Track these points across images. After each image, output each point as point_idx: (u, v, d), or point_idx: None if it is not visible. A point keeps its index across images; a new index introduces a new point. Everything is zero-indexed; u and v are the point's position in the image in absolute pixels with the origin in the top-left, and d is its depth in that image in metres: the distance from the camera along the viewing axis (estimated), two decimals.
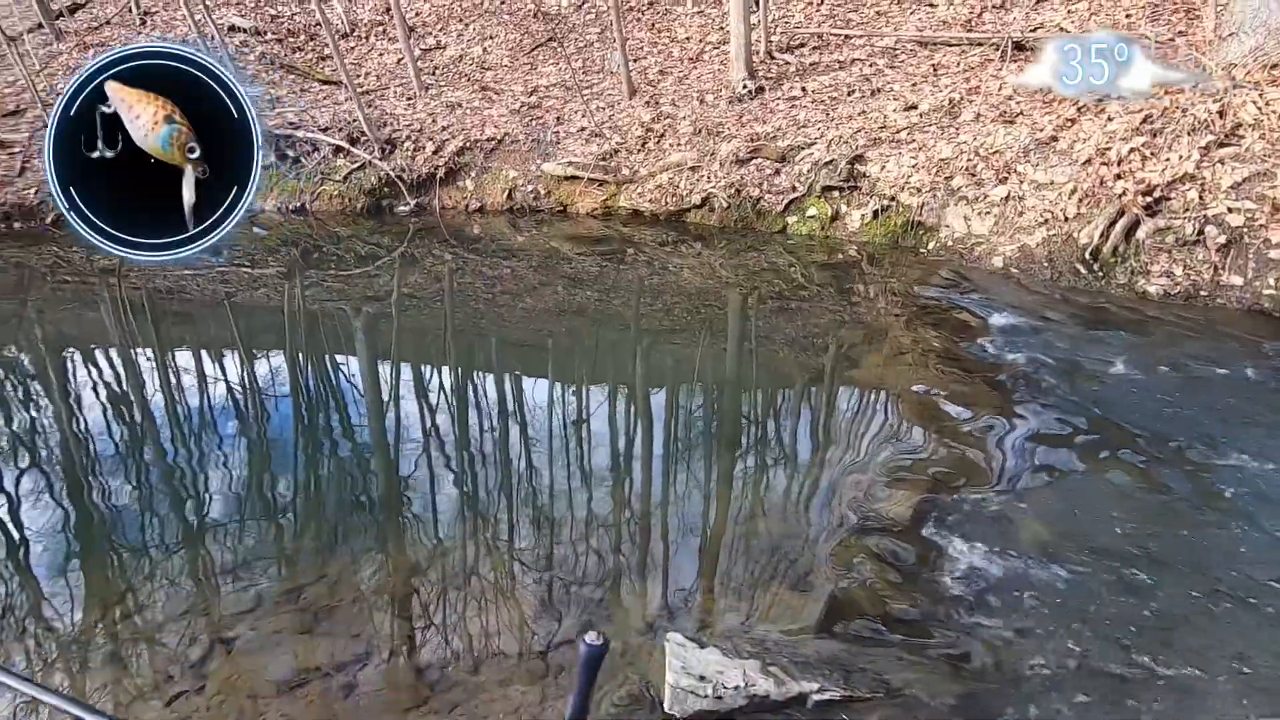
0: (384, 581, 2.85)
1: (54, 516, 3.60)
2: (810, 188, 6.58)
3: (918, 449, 3.65)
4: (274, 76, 9.77)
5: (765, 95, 7.73)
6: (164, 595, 2.90)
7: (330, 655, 2.41)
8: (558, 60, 9.21)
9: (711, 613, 2.73)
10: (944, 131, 6.44)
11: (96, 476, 4.05)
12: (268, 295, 6.92)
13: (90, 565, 3.21)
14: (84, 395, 5.13)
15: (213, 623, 2.63)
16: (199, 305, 6.70)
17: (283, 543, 3.28)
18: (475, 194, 7.90)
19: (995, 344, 4.57)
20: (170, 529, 3.45)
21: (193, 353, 5.74)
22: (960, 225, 5.87)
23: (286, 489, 3.81)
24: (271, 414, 4.74)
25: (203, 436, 4.46)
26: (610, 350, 5.37)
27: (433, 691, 2.26)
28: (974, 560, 2.82)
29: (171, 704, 2.25)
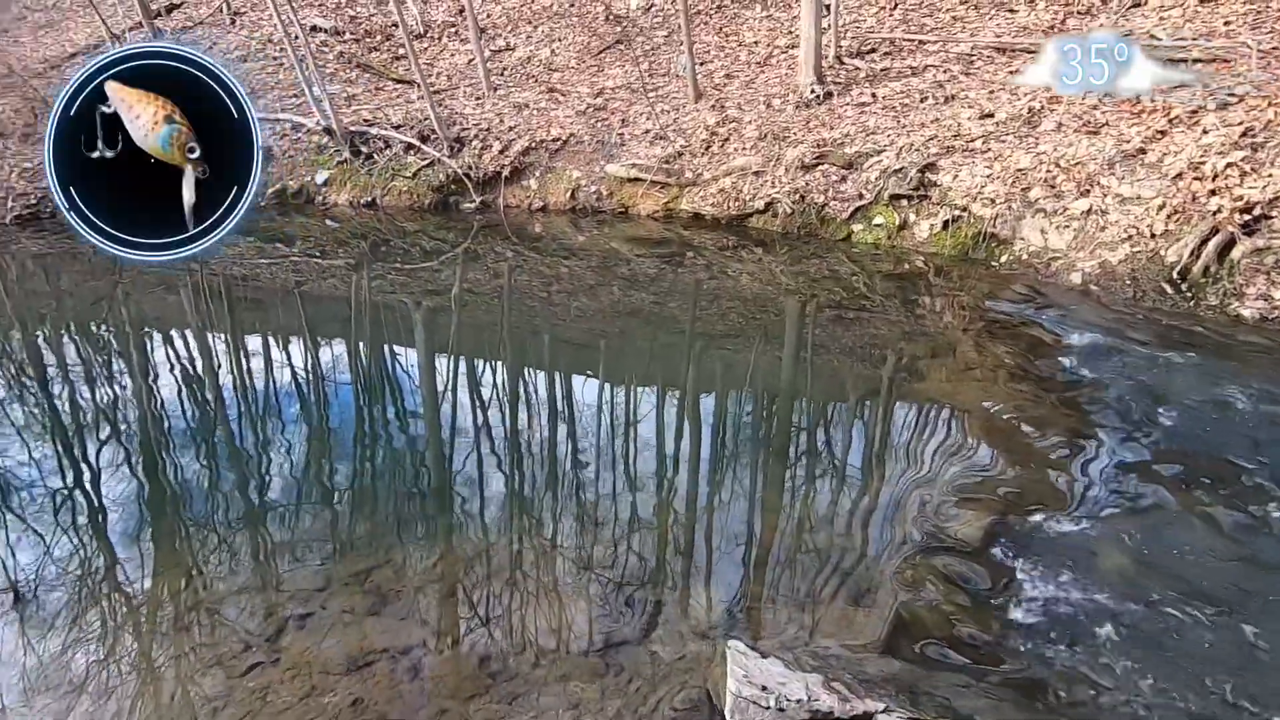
0: (447, 570, 2.90)
1: (140, 489, 3.80)
2: (878, 195, 6.44)
3: (987, 468, 3.53)
4: (351, 75, 10.12)
5: (833, 100, 7.60)
6: (239, 569, 3.03)
7: (396, 638, 2.47)
8: (625, 63, 9.27)
9: (770, 622, 2.69)
10: (1022, 141, 6.21)
11: (176, 452, 4.26)
12: (335, 285, 7.16)
13: (171, 536, 3.37)
14: (162, 374, 5.40)
15: (286, 599, 2.73)
16: (271, 292, 6.99)
17: (349, 525, 3.38)
18: (539, 193, 8.01)
19: (1072, 363, 4.37)
20: (245, 505, 3.61)
21: (263, 338, 5.98)
22: (1036, 239, 5.65)
23: (350, 474, 3.93)
24: (334, 400, 4.90)
25: (272, 419, 4.64)
26: (663, 353, 5.36)
27: (494, 681, 2.29)
28: (1049, 587, 2.70)
29: (247, 675, 2.34)
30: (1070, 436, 3.64)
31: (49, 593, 2.93)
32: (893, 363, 4.85)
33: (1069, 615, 2.59)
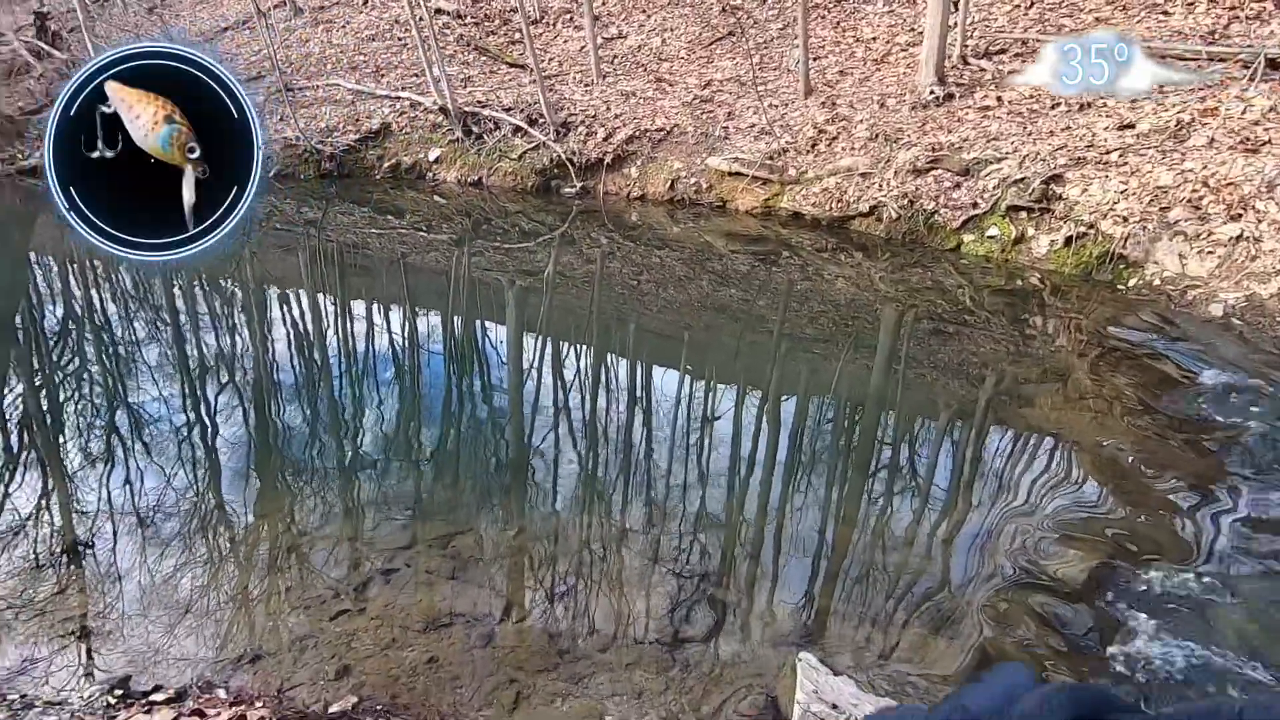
0: (523, 544, 2.98)
1: (252, 433, 4.11)
2: (994, 205, 6.07)
3: (1095, 506, 3.27)
4: (468, 57, 10.47)
5: (954, 103, 7.22)
6: (333, 518, 3.21)
7: (472, 604, 2.55)
8: (735, 55, 9.13)
9: (843, 638, 2.60)
10: (1165, 156, 5.68)
11: (286, 402, 4.57)
12: (438, 259, 7.47)
13: (275, 479, 3.63)
14: (277, 329, 5.80)
15: (373, 552, 2.88)
16: (379, 261, 7.36)
17: (435, 489, 3.52)
18: (638, 182, 8.04)
19: (1205, 403, 3.98)
20: (342, 458, 3.83)
21: (368, 303, 6.31)
22: (1173, 263, 5.17)
23: (437, 439, 4.09)
24: (427, 368, 5.12)
25: (371, 379, 4.90)
26: (748, 351, 5.26)
27: (561, 659, 2.33)
28: (1158, 643, 2.47)
29: (335, 619, 2.48)
30: (1196, 483, 3.32)
31: (167, 520, 3.21)
32: (994, 384, 4.57)
33: (1177, 676, 2.37)
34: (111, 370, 5.09)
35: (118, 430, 4.13)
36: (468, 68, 10.23)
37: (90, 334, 5.80)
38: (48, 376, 5.05)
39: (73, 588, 2.75)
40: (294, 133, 9.11)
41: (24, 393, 4.75)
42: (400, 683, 2.20)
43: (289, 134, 9.12)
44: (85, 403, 4.60)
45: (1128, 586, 2.69)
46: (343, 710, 2.05)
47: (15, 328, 5.91)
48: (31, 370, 5.11)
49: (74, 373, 5.12)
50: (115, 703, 2.00)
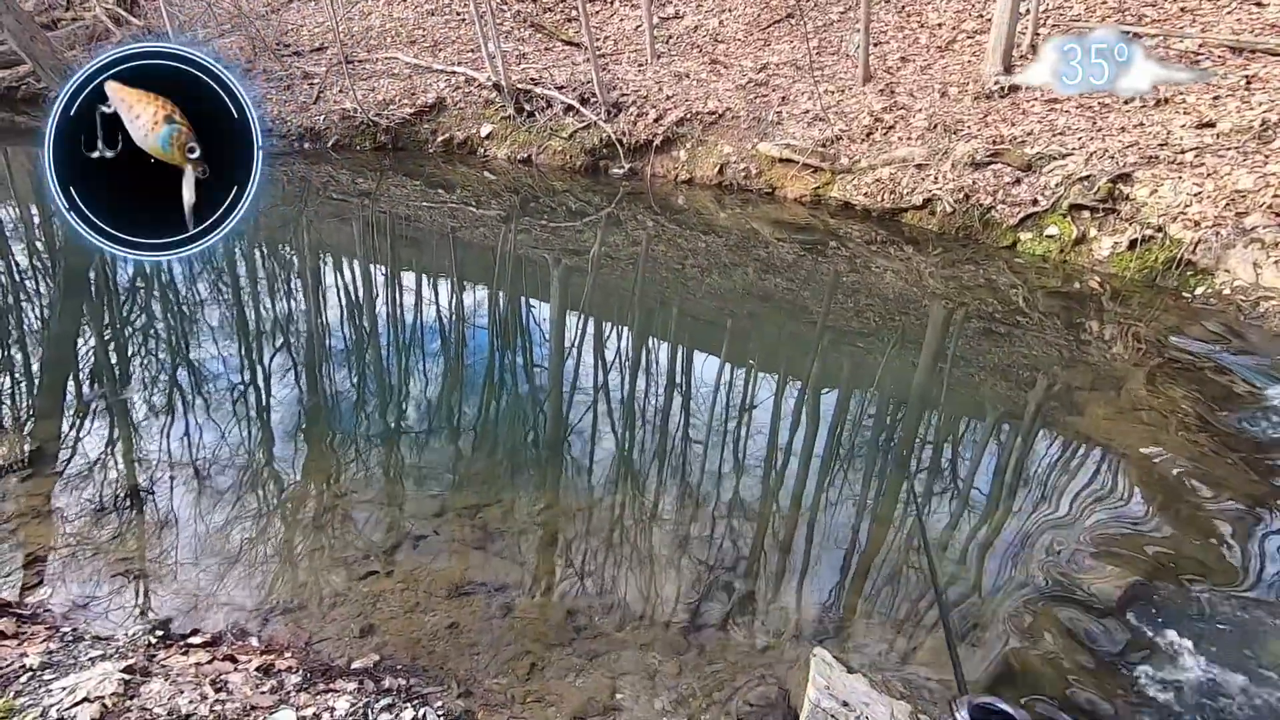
0: (550, 520, 3.03)
1: (298, 394, 4.27)
2: (1055, 203, 5.82)
3: (1139, 522, 3.15)
4: (524, 34, 10.50)
5: (1019, 94, 6.92)
6: (370, 481, 3.33)
7: (496, 575, 2.62)
8: (793, 38, 8.93)
9: (862, 637, 2.58)
10: (1246, 158, 5.35)
11: (331, 366, 4.72)
12: (485, 234, 7.56)
13: (317, 440, 3.77)
14: (329, 295, 5.98)
15: (405, 517, 2.98)
16: (428, 234, 7.50)
17: (468, 460, 3.60)
18: (687, 165, 7.97)
19: (1270, 421, 3.78)
20: (381, 424, 3.95)
21: (416, 274, 6.45)
22: (1246, 272, 4.89)
23: (474, 412, 4.17)
24: (469, 341, 5.21)
25: (414, 349, 5.02)
26: (790, 342, 5.20)
27: (577, 635, 2.37)
28: (1194, 667, 2.38)
29: (364, 580, 2.58)
30: (1252, 504, 3.17)
31: (218, 473, 3.37)
32: (1043, 388, 4.42)
33: (1212, 703, 2.28)
34: (175, 328, 5.34)
35: (178, 385, 4.33)
36: (523, 44, 10.26)
37: (156, 293, 6.09)
38: (117, 330, 5.32)
39: (130, 532, 2.92)
40: (352, 104, 9.31)
41: (95, 345, 5.02)
42: (421, 645, 2.28)
43: (347, 105, 9.32)
44: (149, 358, 4.84)
45: (1164, 607, 2.60)
46: (364, 667, 2.14)
47: (89, 282, 6.24)
48: (101, 325, 5.39)
49: (141, 329, 5.38)
50: (155, 643, 2.13)
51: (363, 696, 1.91)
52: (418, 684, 2.04)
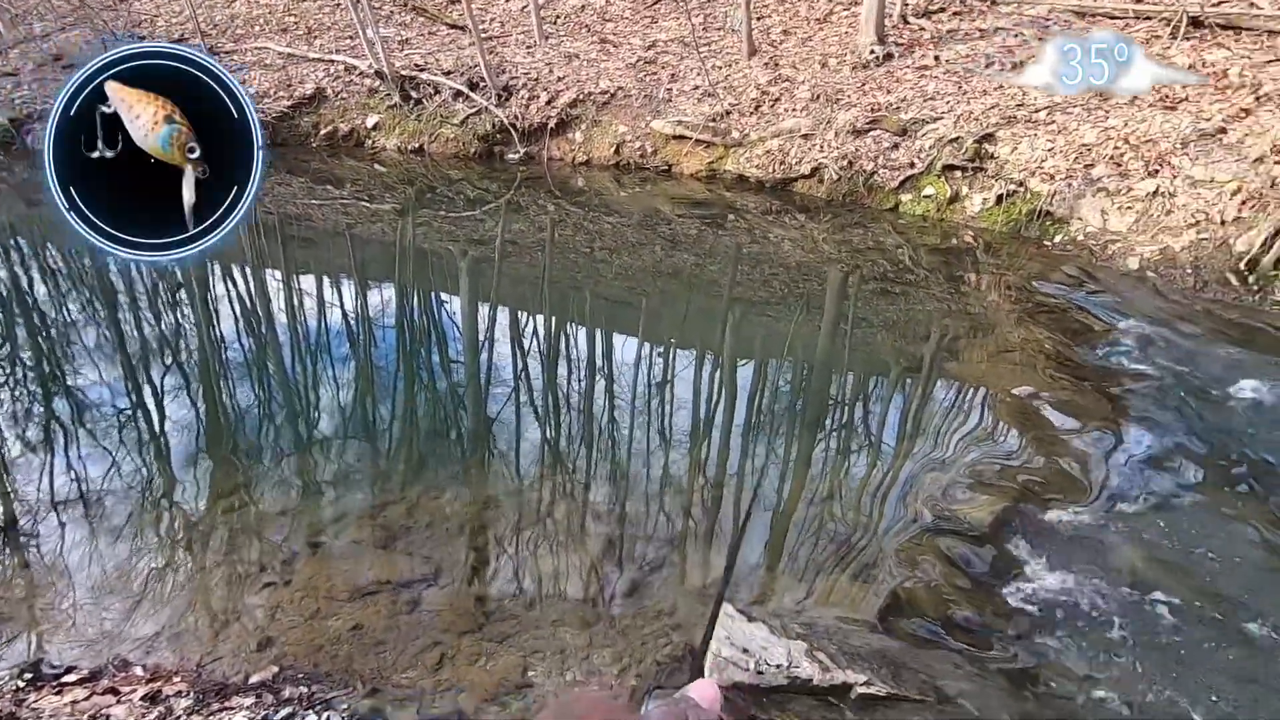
0: (458, 511, 3.01)
1: (187, 414, 4.03)
2: (930, 165, 6.17)
3: (1011, 454, 3.44)
4: (405, 18, 10.10)
5: (893, 63, 7.26)
6: (266, 494, 3.20)
7: (401, 572, 2.59)
8: (679, 15, 9.00)
9: (767, 589, 2.72)
10: (1090, 114, 5.83)
11: (224, 380, 4.48)
12: (383, 230, 7.31)
13: (209, 458, 3.58)
14: (220, 306, 5.65)
15: (304, 526, 2.89)
16: (322, 233, 7.17)
17: (371, 462, 3.52)
18: (583, 147, 7.94)
19: (1117, 352, 4.18)
20: (278, 435, 3.79)
21: (314, 276, 6.17)
22: (1095, 219, 5.36)
23: (381, 412, 4.07)
24: (376, 342, 5.06)
25: (316, 355, 4.83)
26: (701, 316, 5.33)
27: (487, 620, 2.39)
28: (1052, 578, 2.65)
29: (260, 592, 2.49)
30: (1103, 427, 3.51)
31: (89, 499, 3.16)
32: (929, 340, 4.72)
33: (1069, 608, 2.54)
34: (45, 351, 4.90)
35: (43, 408, 4.01)
36: (405, 29, 9.88)
37: (19, 314, 5.57)
38: None
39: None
40: None
41: None
42: (323, 651, 2.23)
43: None
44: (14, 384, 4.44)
45: (1030, 527, 2.86)
46: (263, 680, 2.08)
47: None
48: None
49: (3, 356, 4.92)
50: (24, 686, 2.00)
51: (260, 710, 1.86)
52: (320, 690, 2.01)
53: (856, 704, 2.14)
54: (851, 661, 2.21)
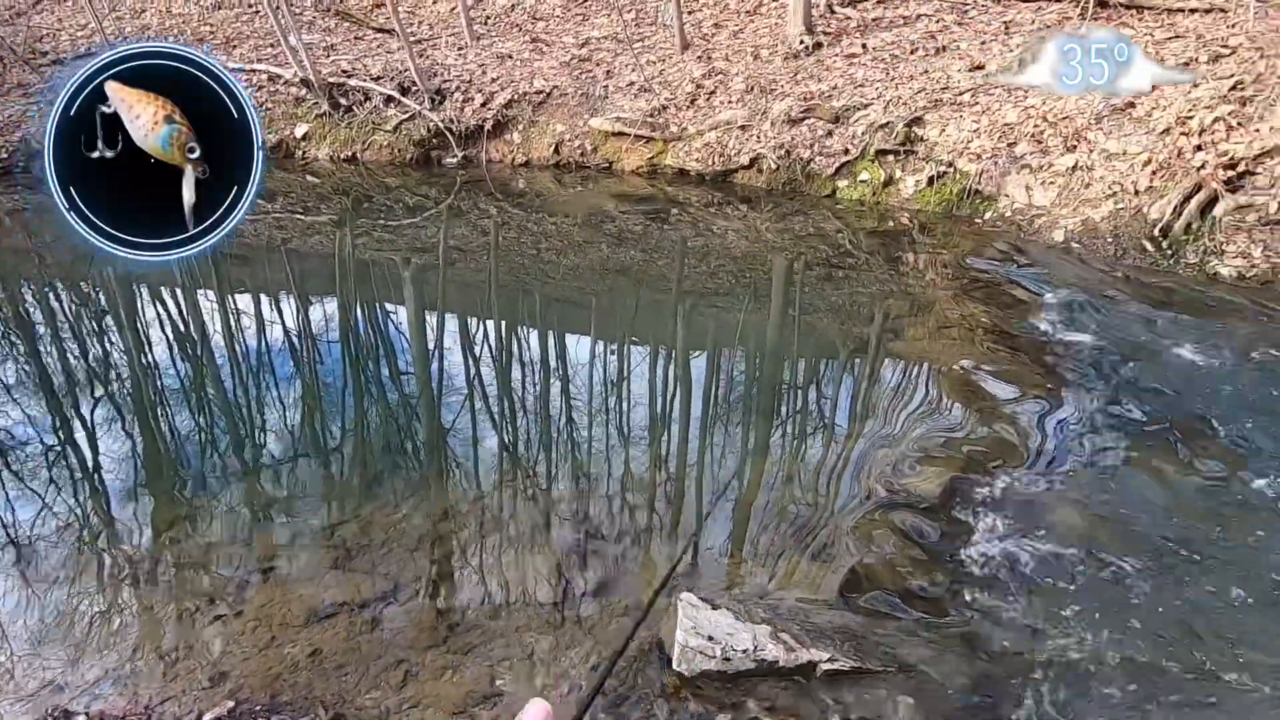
0: (415, 525, 2.95)
1: (122, 444, 3.84)
2: (864, 151, 6.33)
3: (955, 426, 3.56)
4: (329, 24, 9.82)
5: (823, 52, 7.41)
6: (212, 524, 3.08)
7: (358, 591, 2.53)
8: (610, 11, 8.99)
9: (730, 576, 2.75)
10: (1010, 94, 6.07)
11: (160, 408, 4.28)
12: (321, 242, 7.10)
13: (149, 490, 3.42)
14: (151, 332, 5.39)
15: (254, 553, 2.79)
16: (256, 249, 6.92)
17: (322, 482, 3.43)
18: (522, 147, 7.86)
19: (1048, 322, 4.37)
20: (222, 461, 3.65)
21: (250, 294, 5.95)
22: (1021, 195, 5.58)
23: (330, 431, 3.96)
24: (321, 358, 4.91)
25: (255, 376, 4.66)
26: (652, 311, 5.35)
27: (451, 632, 2.35)
28: (999, 542, 2.76)
29: (211, 625, 2.40)
30: (1039, 394, 3.67)
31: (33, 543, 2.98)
32: (873, 321, 4.85)
33: (1017, 569, 2.65)
34: None
35: None
36: (330, 35, 9.60)
37: None
38: None
39: None
40: None
41: None
42: (281, 680, 2.17)
43: None
44: None
45: (976, 495, 2.97)
46: (218, 716, 2.01)
47: None
48: None
49: None
50: None
51: None
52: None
53: (822, 681, 2.19)
54: (815, 640, 2.26)
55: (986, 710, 2.15)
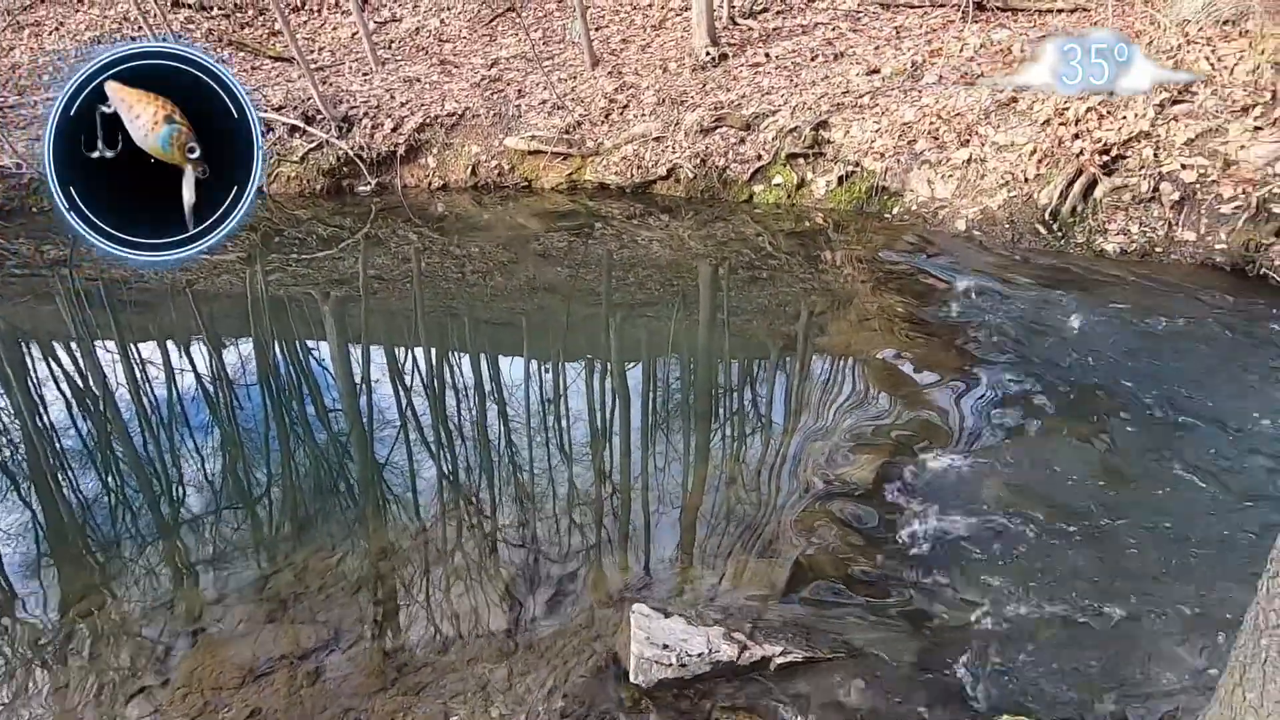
0: (353, 567, 2.85)
1: (21, 515, 3.53)
2: (775, 155, 6.54)
3: (882, 414, 3.71)
4: (222, 54, 9.42)
5: (729, 62, 7.62)
6: (130, 590, 2.87)
7: (297, 642, 2.41)
8: (517, 31, 8.99)
9: (680, 582, 2.77)
10: (906, 95, 6.41)
11: (61, 472, 3.97)
12: (230, 282, 6.77)
13: (57, 562, 3.16)
14: (46, 390, 5.00)
15: (178, 616, 2.62)
16: (158, 294, 6.54)
17: (251, 532, 3.25)
18: (438, 171, 7.74)
19: (958, 307, 4.62)
20: (137, 523, 3.41)
21: (157, 343, 5.61)
22: (924, 189, 5.89)
23: (256, 478, 3.77)
24: (239, 402, 4.67)
25: (169, 428, 4.39)
26: (583, 326, 5.35)
27: (400, 674, 2.28)
28: (934, 520, 2.88)
29: (135, 699, 2.24)
30: (955, 376, 3.87)
31: None
32: (798, 319, 5.00)
33: (951, 544, 2.78)
34: None
35: None
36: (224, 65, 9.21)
37: None
38: None
39: None
40: (12, 159, 7.74)
41: None
42: None
43: (5, 162, 7.74)
44: None
45: (906, 477, 3.10)
46: None
47: None
48: None
49: None
50: None
51: None
52: None
53: (776, 675, 2.23)
54: (767, 636, 2.30)
55: (933, 682, 2.24)
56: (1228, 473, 3.03)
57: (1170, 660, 2.25)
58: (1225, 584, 2.46)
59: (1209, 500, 2.90)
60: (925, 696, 2.18)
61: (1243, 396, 3.51)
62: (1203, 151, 4.89)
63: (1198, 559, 2.61)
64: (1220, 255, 4.70)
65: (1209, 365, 3.80)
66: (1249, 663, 1.36)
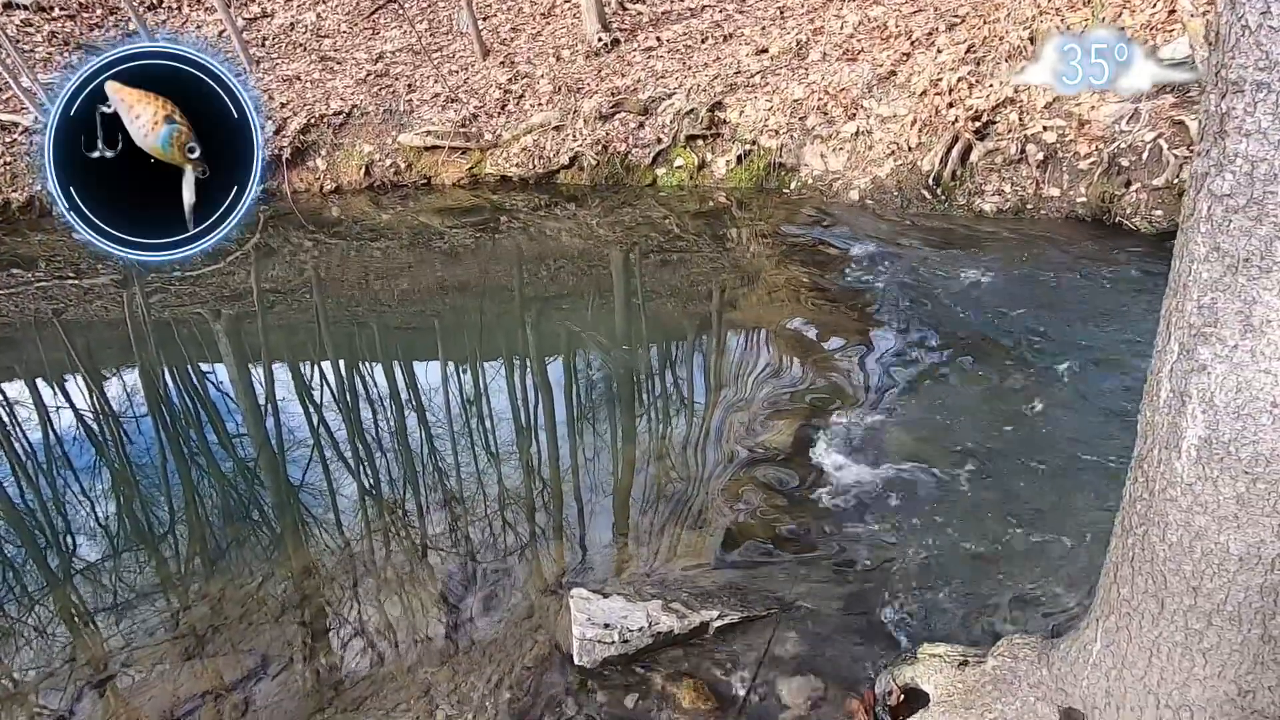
0: (275, 591, 2.72)
1: None
2: (675, 138, 6.63)
3: (796, 380, 3.86)
4: (70, 59, 8.60)
5: (622, 47, 7.64)
6: (18, 653, 2.63)
7: (220, 676, 2.28)
8: (401, 23, 8.67)
9: (617, 563, 2.81)
10: (794, 73, 6.63)
11: None
12: (105, 307, 6.24)
13: None
14: None
15: (81, 670, 2.43)
16: (20, 327, 5.95)
17: (155, 572, 3.05)
18: (329, 174, 7.39)
19: (856, 273, 4.86)
20: (13, 581, 3.12)
21: (25, 383, 5.11)
22: (818, 163, 6.13)
23: (155, 515, 3.53)
24: (130, 437, 4.34)
25: (49, 473, 4.02)
26: (499, 323, 5.27)
27: (336, 692, 2.20)
28: (849, 475, 3.04)
29: None
30: (859, 340, 4.07)
31: None
32: (710, 298, 5.11)
33: (867, 494, 2.94)
34: None
35: None
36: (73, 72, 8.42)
37: None
38: None
39: None
40: None
41: None
42: None
43: None
44: None
45: (821, 437, 3.25)
46: None
47: None
48: None
49: None
50: None
51: None
52: None
53: (716, 638, 2.31)
54: (704, 602, 2.37)
55: (861, 624, 2.38)
56: (1104, 400, 3.34)
57: (1065, 578, 2.48)
58: (1109, 503, 2.73)
59: (1090, 428, 3.19)
60: (854, 638, 2.31)
61: (1112, 330, 3.88)
62: (1059, 114, 5.32)
63: (1083, 484, 2.87)
64: (1082, 208, 5.14)
65: (1081, 306, 4.17)
66: (1120, 562, 1.53)
